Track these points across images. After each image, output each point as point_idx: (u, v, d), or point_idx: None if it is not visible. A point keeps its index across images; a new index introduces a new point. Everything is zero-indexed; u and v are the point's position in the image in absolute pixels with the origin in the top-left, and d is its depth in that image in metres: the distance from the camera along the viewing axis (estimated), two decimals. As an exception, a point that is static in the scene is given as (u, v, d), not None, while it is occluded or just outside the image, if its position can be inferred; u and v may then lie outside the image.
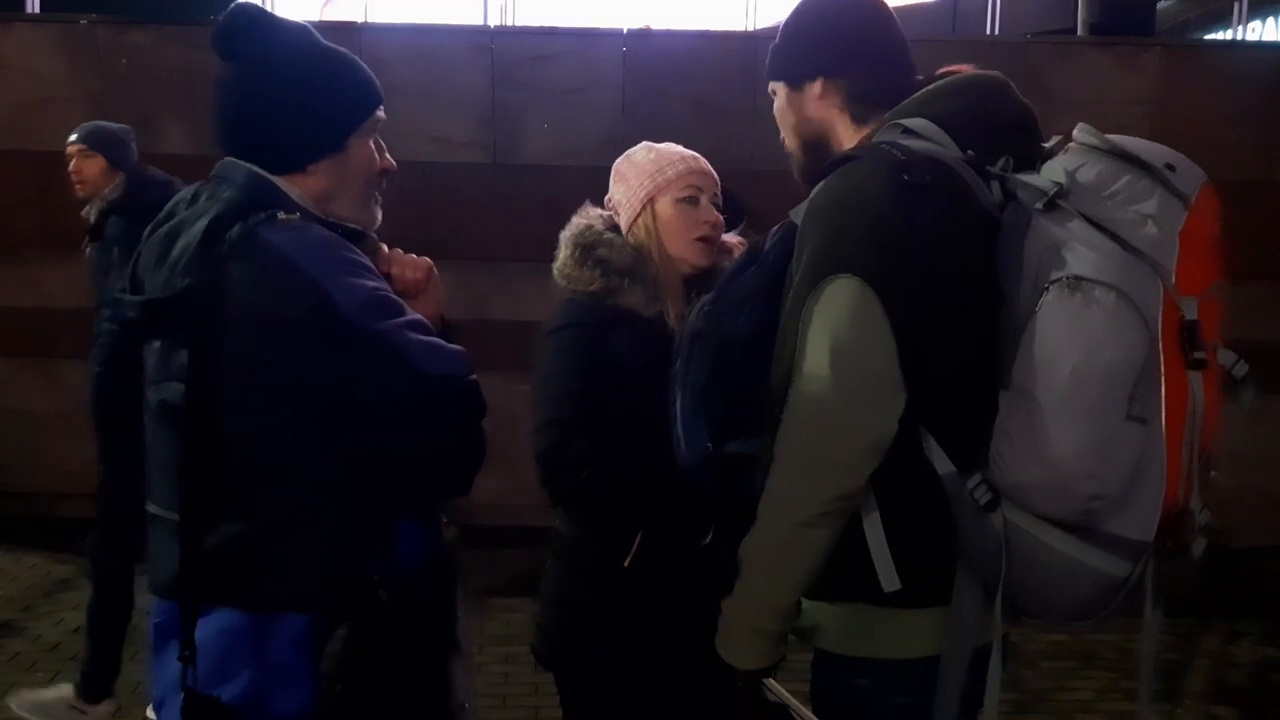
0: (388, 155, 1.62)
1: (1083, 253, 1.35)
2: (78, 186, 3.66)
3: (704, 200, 2.01)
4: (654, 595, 1.90)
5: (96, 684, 3.52)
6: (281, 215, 1.43)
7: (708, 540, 1.82)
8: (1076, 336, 1.33)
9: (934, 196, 1.43)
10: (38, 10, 5.99)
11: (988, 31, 6.62)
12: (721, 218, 2.03)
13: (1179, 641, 4.33)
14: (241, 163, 1.50)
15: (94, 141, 3.65)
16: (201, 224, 1.42)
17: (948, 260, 1.43)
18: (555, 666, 2.06)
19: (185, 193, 1.52)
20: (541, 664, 2.08)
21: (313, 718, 1.44)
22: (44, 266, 5.22)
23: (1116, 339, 1.32)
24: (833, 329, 1.43)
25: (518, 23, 6.91)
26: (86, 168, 3.64)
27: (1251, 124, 5.38)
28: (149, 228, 1.51)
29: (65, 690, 3.54)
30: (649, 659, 1.94)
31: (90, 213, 3.65)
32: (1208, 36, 9.97)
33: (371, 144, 1.58)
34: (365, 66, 1.59)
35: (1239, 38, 7.04)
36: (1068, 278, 1.33)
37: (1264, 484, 5.42)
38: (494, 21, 6.68)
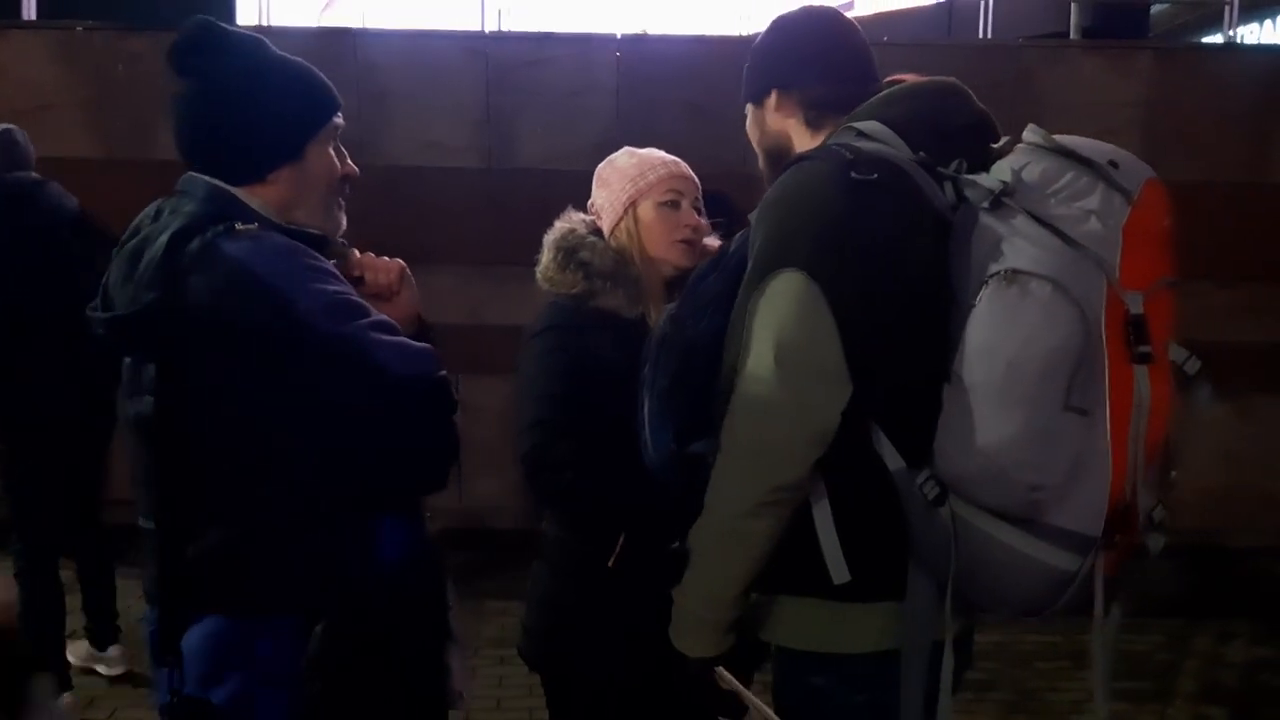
0: (349, 161, 1.63)
1: (1022, 247, 1.37)
2: None
3: (685, 204, 2.04)
4: (638, 596, 1.91)
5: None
6: (239, 226, 1.45)
7: (676, 545, 1.84)
8: (1012, 328, 1.35)
9: (882, 193, 1.45)
10: (34, 17, 5.99)
11: (981, 35, 6.63)
12: (703, 221, 2.05)
13: (1174, 641, 4.34)
14: (202, 176, 1.52)
15: None
16: (163, 239, 1.43)
17: (894, 256, 1.45)
18: (542, 668, 2.08)
19: (150, 209, 1.54)
20: (529, 665, 2.10)
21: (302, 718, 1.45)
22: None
23: (1052, 330, 1.34)
24: (777, 321, 1.45)
25: (512, 28, 6.93)
26: None
27: (1243, 126, 5.40)
28: (117, 245, 1.53)
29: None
30: (635, 659, 1.95)
31: None
32: (1205, 39, 9.99)
33: (331, 151, 1.59)
34: (321, 75, 1.60)
35: (1231, 41, 7.06)
36: (1005, 271, 1.36)
37: (1260, 484, 5.44)
38: (489, 27, 6.69)
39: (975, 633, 1.74)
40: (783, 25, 1.76)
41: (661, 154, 2.10)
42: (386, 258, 1.67)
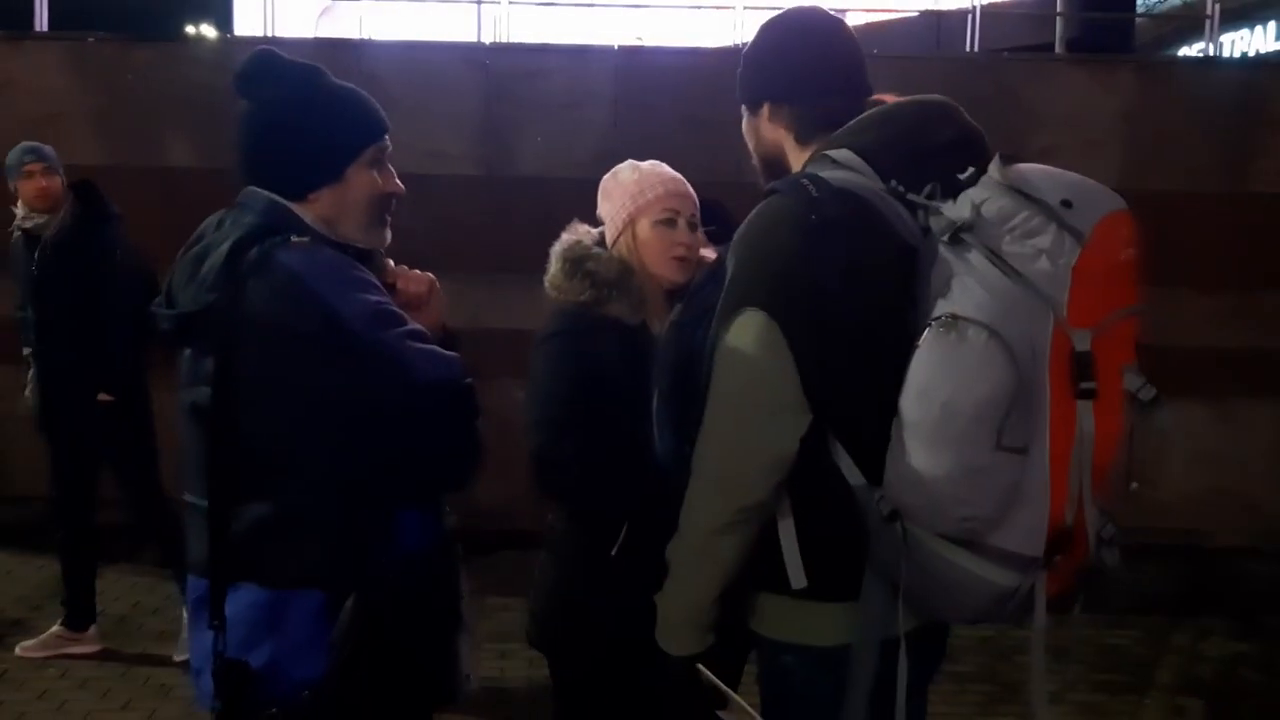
0: (396, 180, 1.76)
1: (970, 288, 1.44)
2: (43, 203, 3.98)
3: (681, 222, 2.15)
4: (639, 582, 2.03)
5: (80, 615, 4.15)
6: (295, 238, 1.59)
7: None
8: (948, 373, 1.42)
9: (841, 233, 1.52)
10: (46, 28, 6.12)
11: (968, 48, 6.77)
12: (697, 238, 2.17)
13: (1152, 637, 4.46)
14: (262, 191, 1.65)
15: (52, 160, 4.03)
16: (225, 246, 1.57)
17: (852, 294, 1.52)
18: (547, 650, 2.21)
19: (212, 219, 1.68)
20: (536, 648, 2.23)
21: (327, 685, 1.59)
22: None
23: (985, 377, 1.40)
24: (739, 358, 1.56)
25: (512, 39, 7.06)
26: (54, 185, 4.00)
27: (1222, 138, 5.54)
28: (182, 250, 1.67)
29: (55, 629, 4.13)
30: (635, 643, 2.07)
31: (46, 226, 3.97)
32: (1187, 49, 10.13)
33: (375, 172, 1.71)
34: (369, 101, 1.72)
35: (1213, 52, 7.21)
36: (945, 315, 1.43)
37: (1238, 485, 5.57)
38: (488, 38, 6.82)
39: (951, 629, 1.83)
40: (776, 34, 1.78)
41: (662, 170, 2.21)
42: (418, 270, 1.81)
